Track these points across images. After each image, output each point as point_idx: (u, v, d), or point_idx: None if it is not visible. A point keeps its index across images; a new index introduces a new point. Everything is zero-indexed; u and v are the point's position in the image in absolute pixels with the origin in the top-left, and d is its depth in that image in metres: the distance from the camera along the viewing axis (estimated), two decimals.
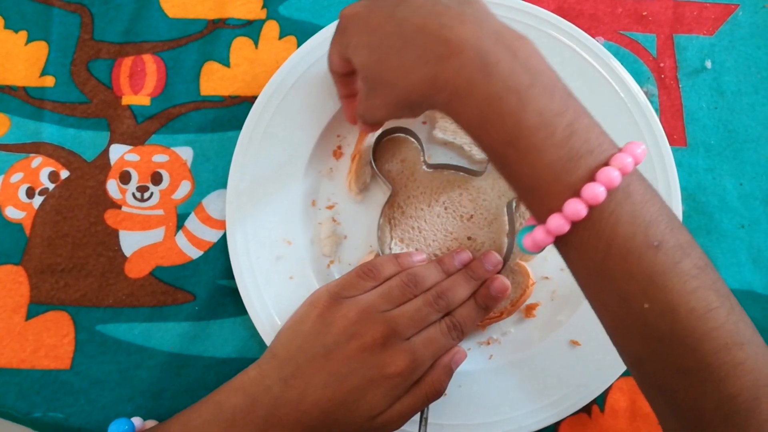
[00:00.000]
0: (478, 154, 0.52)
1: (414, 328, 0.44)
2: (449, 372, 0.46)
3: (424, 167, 0.52)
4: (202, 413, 0.43)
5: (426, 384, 0.45)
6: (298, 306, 0.49)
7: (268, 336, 0.49)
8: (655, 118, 0.52)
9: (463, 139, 0.52)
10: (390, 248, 0.51)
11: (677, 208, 0.50)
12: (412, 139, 0.52)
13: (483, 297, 0.47)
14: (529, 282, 0.50)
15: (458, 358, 0.46)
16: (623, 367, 0.49)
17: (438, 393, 0.45)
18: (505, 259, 0.49)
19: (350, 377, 0.42)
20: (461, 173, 0.52)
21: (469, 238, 0.51)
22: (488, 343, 0.51)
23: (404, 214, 0.51)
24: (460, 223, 0.51)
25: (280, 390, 0.42)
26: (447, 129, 0.52)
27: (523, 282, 0.50)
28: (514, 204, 0.51)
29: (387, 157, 0.52)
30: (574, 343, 0.49)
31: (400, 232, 0.51)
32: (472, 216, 0.51)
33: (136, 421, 0.47)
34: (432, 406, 0.48)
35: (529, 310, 0.51)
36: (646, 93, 0.53)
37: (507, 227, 0.51)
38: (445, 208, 0.51)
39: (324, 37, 0.53)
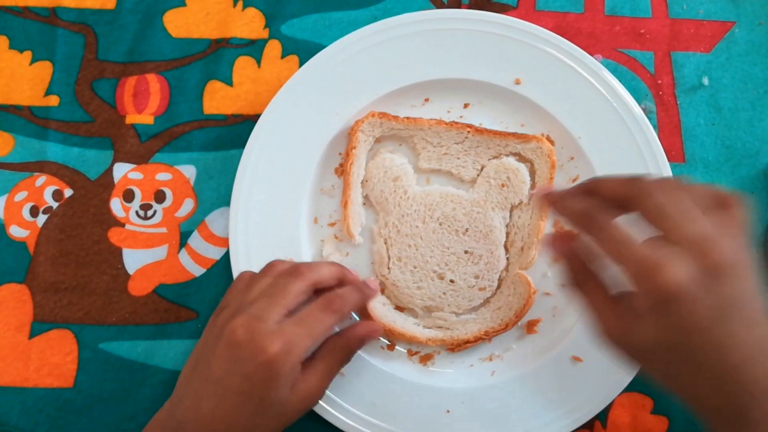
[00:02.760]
0: (466, 175, 0.53)
1: (277, 306, 0.42)
2: (359, 342, 0.46)
3: (415, 184, 0.52)
4: None
5: (335, 347, 0.44)
6: None
7: None
8: (654, 135, 0.52)
9: (450, 164, 0.53)
10: (389, 268, 0.51)
11: None
12: (402, 159, 0.52)
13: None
14: (530, 291, 0.50)
15: (373, 336, 0.47)
16: (625, 383, 0.49)
17: (351, 352, 0.45)
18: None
19: (230, 378, 0.40)
20: (452, 188, 0.52)
21: (466, 252, 0.51)
22: (490, 359, 0.51)
23: (399, 232, 0.51)
24: (456, 238, 0.51)
25: (181, 413, 0.42)
26: (431, 158, 0.53)
27: (525, 292, 0.50)
28: (508, 215, 0.52)
29: (379, 177, 0.52)
30: (576, 359, 0.49)
31: (397, 251, 0.51)
32: (467, 230, 0.52)
33: None
34: (434, 421, 0.48)
35: (531, 326, 0.51)
36: (644, 110, 0.54)
37: (503, 239, 0.51)
38: (440, 224, 0.52)
39: (326, 56, 0.53)
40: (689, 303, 0.34)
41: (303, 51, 0.57)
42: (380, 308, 0.50)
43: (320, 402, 0.48)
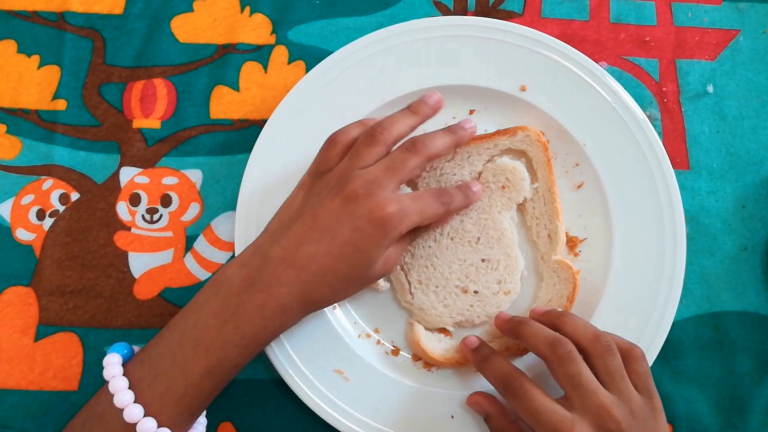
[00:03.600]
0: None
1: (395, 179, 0.44)
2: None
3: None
4: (204, 292, 0.45)
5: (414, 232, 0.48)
6: (306, 327, 0.50)
7: (275, 357, 0.49)
8: (659, 142, 0.52)
9: (449, 183, 0.52)
10: (411, 293, 0.51)
11: (681, 230, 0.51)
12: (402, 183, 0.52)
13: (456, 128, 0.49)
14: (573, 272, 0.50)
15: (443, 221, 0.50)
16: None
17: (413, 239, 0.50)
18: None
19: (341, 229, 0.43)
20: None
21: (483, 260, 0.51)
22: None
23: (414, 256, 0.51)
24: (470, 248, 0.51)
25: (275, 253, 0.44)
26: (430, 183, 0.52)
27: (570, 276, 0.50)
28: (516, 215, 0.52)
29: None
30: None
31: (416, 275, 0.51)
32: (479, 238, 0.52)
33: (136, 348, 0.47)
34: (438, 427, 0.48)
35: None
36: (649, 117, 0.54)
37: (516, 239, 0.52)
38: (452, 239, 0.52)
39: (332, 62, 0.54)
40: None
41: (309, 57, 0.57)
42: (438, 345, 0.50)
43: (323, 406, 0.48)
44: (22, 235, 0.54)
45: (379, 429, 0.48)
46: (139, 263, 0.53)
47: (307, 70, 0.56)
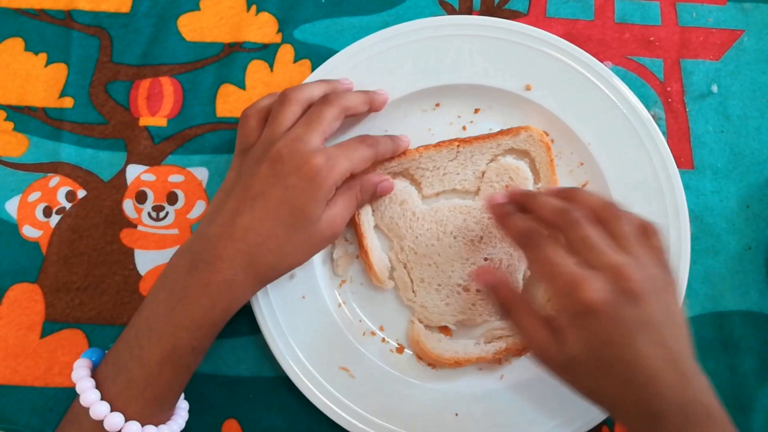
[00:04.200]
0: (471, 186, 0.53)
1: (316, 132, 0.45)
2: (373, 186, 0.49)
3: (422, 203, 0.52)
4: (155, 285, 0.45)
5: (355, 183, 0.48)
6: (310, 325, 0.50)
7: (281, 355, 0.49)
8: (663, 142, 0.52)
9: (452, 182, 0.53)
10: (414, 291, 0.51)
11: (685, 230, 0.51)
12: (405, 181, 0.53)
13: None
14: None
15: (385, 185, 0.50)
16: None
17: (366, 192, 0.49)
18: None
19: (272, 191, 0.43)
20: (458, 199, 0.53)
21: (485, 259, 0.51)
22: (499, 363, 0.51)
23: (417, 254, 0.51)
24: (473, 247, 0.52)
25: (212, 231, 0.44)
26: (434, 183, 0.53)
27: None
28: None
29: (385, 205, 0.52)
30: None
31: (419, 273, 0.51)
32: (482, 237, 0.52)
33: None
34: (442, 424, 0.48)
35: None
36: (653, 116, 0.54)
37: None
38: (455, 237, 0.52)
39: (338, 61, 0.54)
40: (604, 319, 0.38)
41: (315, 56, 0.58)
42: (437, 344, 0.50)
43: (328, 403, 0.48)
44: (29, 232, 0.54)
45: (383, 426, 0.48)
46: (145, 260, 0.54)
47: (313, 68, 0.56)
